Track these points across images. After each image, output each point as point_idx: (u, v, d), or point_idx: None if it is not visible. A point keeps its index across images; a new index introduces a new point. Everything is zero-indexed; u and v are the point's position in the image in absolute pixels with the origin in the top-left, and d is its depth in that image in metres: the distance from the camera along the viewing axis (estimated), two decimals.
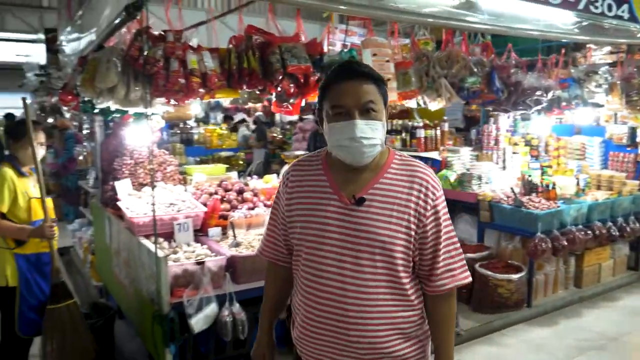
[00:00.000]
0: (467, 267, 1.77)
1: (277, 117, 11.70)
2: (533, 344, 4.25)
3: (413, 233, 1.66)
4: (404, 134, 5.83)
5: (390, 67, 3.46)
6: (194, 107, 4.62)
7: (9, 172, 3.19)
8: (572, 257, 5.30)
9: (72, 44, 5.17)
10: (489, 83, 4.10)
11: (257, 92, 3.28)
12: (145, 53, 2.77)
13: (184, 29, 3.42)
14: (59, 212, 6.33)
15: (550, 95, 4.45)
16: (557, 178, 5.47)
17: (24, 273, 3.18)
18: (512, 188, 5.07)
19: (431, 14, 3.81)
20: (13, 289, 3.17)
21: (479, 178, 5.32)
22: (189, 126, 8.90)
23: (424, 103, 3.82)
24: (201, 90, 2.91)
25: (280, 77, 2.98)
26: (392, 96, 3.49)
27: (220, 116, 12.06)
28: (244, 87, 3.07)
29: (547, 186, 5.08)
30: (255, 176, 4.92)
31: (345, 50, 3.46)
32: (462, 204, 5.45)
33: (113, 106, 3.17)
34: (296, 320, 1.80)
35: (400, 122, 5.93)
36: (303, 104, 3.39)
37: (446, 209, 1.73)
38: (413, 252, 1.69)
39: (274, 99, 3.42)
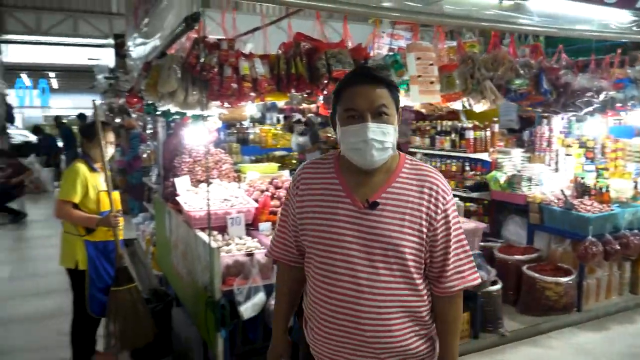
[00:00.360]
0: (476, 269, 1.80)
1: None
2: (581, 348, 4.20)
3: (424, 236, 1.69)
4: (453, 135, 5.86)
5: (434, 70, 3.55)
6: (250, 109, 4.86)
7: (82, 167, 3.54)
8: (627, 263, 5.16)
9: (138, 48, 5.56)
10: (537, 85, 4.10)
11: (305, 95, 3.46)
12: (202, 60, 3.02)
13: (239, 35, 3.67)
14: (125, 206, 6.78)
15: (602, 96, 4.38)
16: (614, 181, 5.34)
17: (93, 258, 3.52)
18: (562, 190, 5.00)
19: (479, 18, 3.88)
20: (83, 272, 3.52)
21: (529, 180, 5.27)
22: (245, 126, 9.23)
23: (469, 105, 3.88)
24: (252, 94, 3.13)
25: (326, 82, 3.16)
26: (436, 98, 3.59)
27: (275, 117, 12.40)
28: (292, 90, 3.27)
29: (601, 189, 4.98)
30: None
31: (389, 54, 3.58)
32: (512, 206, 5.43)
33: (173, 109, 3.45)
34: (309, 321, 1.82)
35: (449, 123, 5.96)
36: None
37: (456, 213, 1.77)
38: (424, 254, 1.71)
39: (321, 102, 3.61)
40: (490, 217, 5.70)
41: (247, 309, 3.20)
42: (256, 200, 4.04)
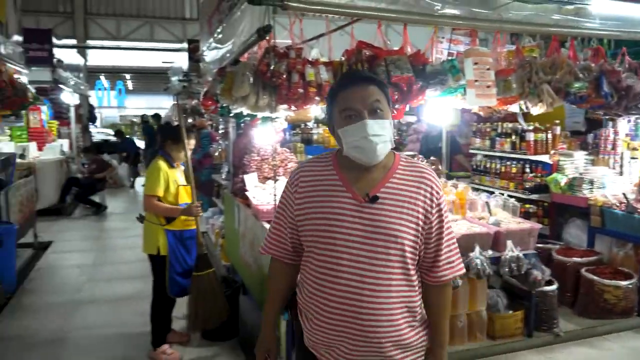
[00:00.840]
0: (462, 260, 1.91)
1: None
2: (638, 352, 4.18)
3: (420, 229, 1.78)
4: (513, 137, 5.89)
5: (491, 74, 3.69)
6: (314, 110, 5.16)
7: (163, 164, 3.95)
8: None
9: (212, 53, 5.98)
10: (597, 88, 4.12)
11: None
12: (272, 67, 3.32)
13: (306, 40, 3.96)
14: None
15: None
16: None
17: (172, 245, 3.92)
18: (624, 194, 4.95)
19: (540, 23, 3.97)
20: (163, 257, 3.92)
21: (591, 183, 5.25)
22: (309, 127, 9.55)
23: (526, 108, 3.97)
24: (317, 98, 3.41)
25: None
26: (492, 102, 3.72)
27: None
28: None
29: None
30: None
31: (447, 60, 3.75)
32: (573, 209, 5.41)
33: (245, 111, 3.79)
34: (307, 312, 1.87)
35: (509, 125, 5.99)
36: (408, 108, 3.75)
37: (446, 208, 1.86)
38: (419, 246, 1.80)
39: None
40: (550, 220, 5.70)
41: None
42: None
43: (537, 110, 3.91)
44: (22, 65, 6.30)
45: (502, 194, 4.66)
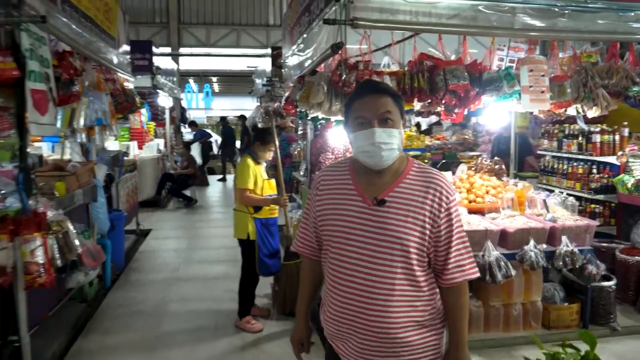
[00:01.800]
0: (475, 264, 1.95)
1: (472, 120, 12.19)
2: None
3: (427, 232, 1.84)
4: (580, 139, 6.03)
5: (545, 81, 3.99)
6: None
7: (250, 161, 4.59)
8: None
9: (293, 59, 6.62)
10: None
11: (427, 105, 4.12)
12: (343, 78, 3.84)
13: (374, 50, 4.43)
14: None
15: None
16: None
17: (259, 231, 4.55)
18: None
19: (596, 31, 4.21)
20: (252, 242, 4.56)
21: None
22: None
23: (582, 111, 4.22)
24: None
25: (443, 93, 3.80)
26: (545, 106, 4.02)
27: (415, 119, 12.99)
28: (415, 101, 3.96)
29: None
30: None
31: (503, 68, 4.09)
32: None
33: (320, 115, 4.33)
34: (325, 305, 1.99)
35: (577, 127, 6.12)
36: (466, 112, 4.14)
37: (458, 212, 1.92)
38: (427, 249, 1.86)
39: (442, 109, 4.24)
40: (617, 220, 5.79)
41: None
42: None
43: (592, 113, 4.14)
44: (129, 73, 7.21)
45: (562, 193, 4.88)
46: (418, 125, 11.12)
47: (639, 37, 4.32)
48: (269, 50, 13.25)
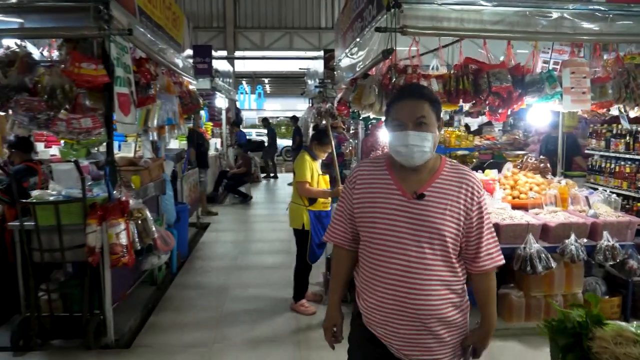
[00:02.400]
0: (501, 252, 2.12)
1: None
2: None
3: (462, 224, 2.00)
4: (627, 138, 6.10)
5: (587, 82, 4.19)
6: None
7: (307, 157, 5.00)
8: None
9: (345, 61, 6.99)
10: None
11: (472, 105, 4.41)
12: (393, 81, 4.17)
13: (423, 53, 4.74)
14: None
15: None
16: None
17: (313, 222, 4.95)
18: None
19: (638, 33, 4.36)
20: (307, 232, 4.96)
21: None
22: None
23: (625, 111, 4.38)
24: None
25: (486, 95, 4.08)
26: (586, 106, 4.22)
27: (464, 120, 13.12)
28: (460, 102, 4.25)
29: None
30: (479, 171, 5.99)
31: (545, 71, 4.32)
32: None
33: (372, 115, 4.69)
34: (362, 294, 2.11)
35: (624, 126, 6.19)
36: (509, 112, 4.39)
37: (487, 205, 2.08)
38: (461, 239, 2.02)
39: (487, 110, 4.51)
40: None
41: None
42: None
43: (634, 113, 4.31)
44: (192, 76, 7.78)
45: (605, 190, 5.02)
46: (467, 126, 11.26)
47: None
48: (321, 53, 13.67)
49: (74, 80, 4.00)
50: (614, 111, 4.51)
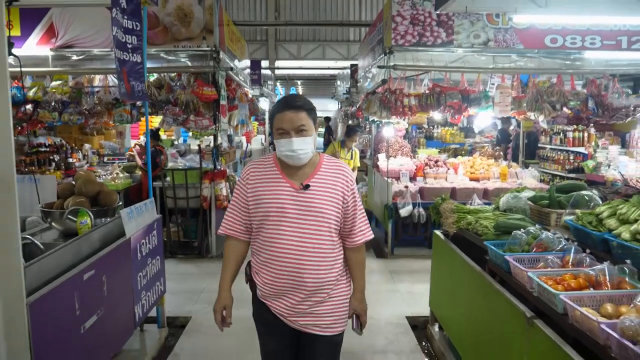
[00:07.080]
0: (370, 228, 2.46)
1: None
2: None
3: (340, 207, 2.31)
4: (561, 135, 8.62)
5: (509, 99, 6.77)
6: (436, 115, 8.55)
7: (335, 144, 7.70)
8: None
9: (364, 77, 9.68)
10: (587, 104, 6.89)
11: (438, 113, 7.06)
12: (387, 98, 6.82)
13: (411, 76, 7.44)
14: None
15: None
16: None
17: None
18: None
19: (545, 68, 6.95)
20: None
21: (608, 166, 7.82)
22: (431, 127, 12.77)
23: (535, 117, 6.94)
24: (408, 113, 6.83)
25: (444, 107, 6.71)
26: (509, 114, 6.81)
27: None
28: (430, 112, 6.89)
29: None
30: (452, 158, 8.61)
31: (483, 91, 6.92)
32: None
33: (377, 119, 7.36)
34: (260, 273, 2.36)
35: (560, 126, 8.70)
36: (462, 118, 7.03)
37: (357, 192, 2.40)
38: (340, 219, 2.34)
39: (450, 116, 7.15)
40: None
41: (403, 211, 6.93)
42: (416, 166, 7.73)
43: (542, 118, 6.85)
44: (249, 86, 10.56)
45: (532, 169, 7.59)
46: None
47: (576, 71, 6.99)
48: (347, 63, 16.31)
49: (198, 98, 6.79)
50: (540, 118, 7.03)
